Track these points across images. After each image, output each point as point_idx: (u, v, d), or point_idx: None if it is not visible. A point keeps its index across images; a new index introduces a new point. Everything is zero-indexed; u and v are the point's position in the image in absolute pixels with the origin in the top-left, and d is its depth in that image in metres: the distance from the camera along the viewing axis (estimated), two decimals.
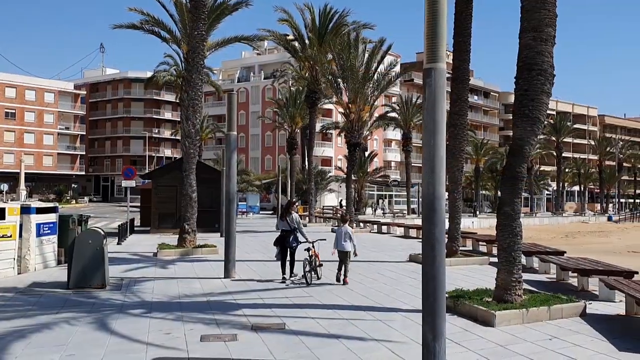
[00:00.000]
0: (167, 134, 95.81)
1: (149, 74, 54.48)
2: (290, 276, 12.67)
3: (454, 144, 16.50)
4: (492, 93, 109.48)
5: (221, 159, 34.21)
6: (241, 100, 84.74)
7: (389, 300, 10.38)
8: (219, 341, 7.46)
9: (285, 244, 12.56)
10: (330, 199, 70.23)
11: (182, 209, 19.63)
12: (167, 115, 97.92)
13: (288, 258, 12.71)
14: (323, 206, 59.15)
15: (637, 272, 10.99)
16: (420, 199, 50.45)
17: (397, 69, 42.89)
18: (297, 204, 14.19)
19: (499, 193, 10.98)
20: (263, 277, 13.35)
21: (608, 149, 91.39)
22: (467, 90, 16.79)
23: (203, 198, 22.98)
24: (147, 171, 66.72)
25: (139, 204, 36.05)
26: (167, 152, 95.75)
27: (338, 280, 12.23)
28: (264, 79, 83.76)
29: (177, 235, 19.52)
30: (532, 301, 8.97)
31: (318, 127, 56.65)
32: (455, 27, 15.76)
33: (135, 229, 28.15)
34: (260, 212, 59.42)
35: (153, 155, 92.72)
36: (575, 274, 11.80)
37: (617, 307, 9.72)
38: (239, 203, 53.50)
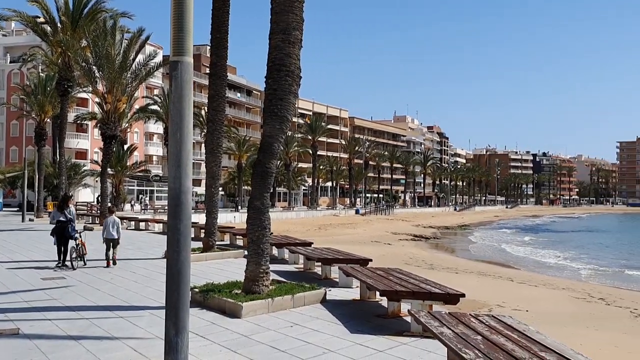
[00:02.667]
0: None
1: None
2: (64, 262, 13.69)
3: (211, 139, 16.59)
4: (254, 91, 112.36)
5: None
6: None
7: (137, 298, 10.08)
8: None
9: (65, 234, 13.73)
10: (86, 194, 66.02)
11: None
12: None
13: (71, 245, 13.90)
14: (77, 202, 55.40)
15: (371, 260, 12.14)
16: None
17: (159, 60, 41.85)
18: (72, 197, 16.01)
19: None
20: None
21: (357, 148, 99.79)
22: (225, 87, 16.97)
23: None
24: None
25: None
26: None
27: (109, 263, 13.99)
28: (11, 62, 75.67)
29: None
30: (278, 291, 9.40)
31: (71, 117, 52.80)
32: (213, 22, 15.84)
33: None
34: (4, 209, 53.70)
35: None
36: (320, 263, 12.65)
37: (354, 292, 10.61)
38: None
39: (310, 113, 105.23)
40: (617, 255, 41.82)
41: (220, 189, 70.36)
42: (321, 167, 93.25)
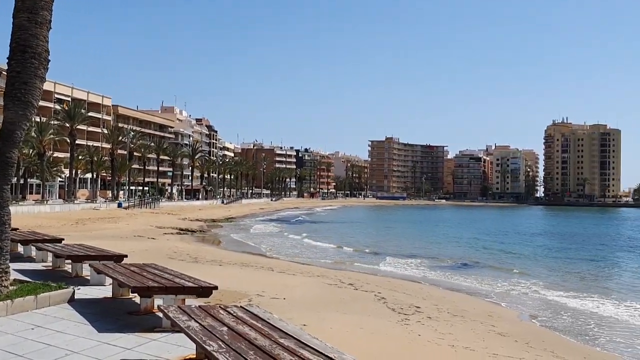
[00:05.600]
0: None
1: None
2: None
3: None
4: (4, 72, 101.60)
5: None
6: None
7: None
8: None
9: None
10: None
11: None
12: None
13: None
14: None
15: (126, 256, 11.78)
16: None
17: None
18: None
19: None
20: None
21: (121, 138, 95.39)
22: None
23: None
24: None
25: None
26: None
27: None
28: None
29: None
30: (20, 291, 8.70)
31: None
32: None
33: None
34: None
35: None
36: (70, 261, 11.93)
37: (106, 290, 10.20)
38: None
39: (69, 99, 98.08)
40: (367, 242, 46.01)
41: None
42: (80, 157, 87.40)
